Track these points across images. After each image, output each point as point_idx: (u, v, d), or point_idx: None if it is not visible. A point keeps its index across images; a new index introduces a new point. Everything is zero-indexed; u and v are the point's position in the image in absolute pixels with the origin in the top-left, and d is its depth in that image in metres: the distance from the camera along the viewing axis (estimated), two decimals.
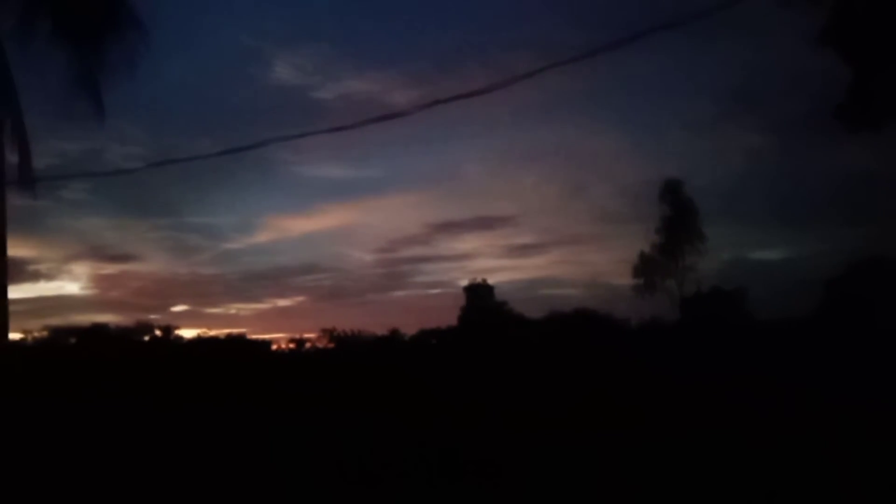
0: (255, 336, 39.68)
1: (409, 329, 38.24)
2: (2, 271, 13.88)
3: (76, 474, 11.93)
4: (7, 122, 13.99)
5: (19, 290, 45.02)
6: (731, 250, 45.42)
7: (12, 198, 14.33)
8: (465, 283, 40.47)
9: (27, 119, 14.13)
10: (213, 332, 39.12)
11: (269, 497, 10.53)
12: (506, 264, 57.27)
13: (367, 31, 54.73)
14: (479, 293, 39.29)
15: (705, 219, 37.02)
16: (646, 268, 37.75)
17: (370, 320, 63.30)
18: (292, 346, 38.58)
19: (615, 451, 12.48)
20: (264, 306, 52.31)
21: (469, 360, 26.36)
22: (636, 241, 37.77)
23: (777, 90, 42.84)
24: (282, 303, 52.90)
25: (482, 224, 55.23)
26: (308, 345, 38.36)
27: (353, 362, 30.77)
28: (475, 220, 54.60)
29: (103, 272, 53.63)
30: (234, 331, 40.47)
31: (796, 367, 19.06)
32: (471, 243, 58.49)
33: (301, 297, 54.30)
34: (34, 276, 47.40)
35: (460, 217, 59.78)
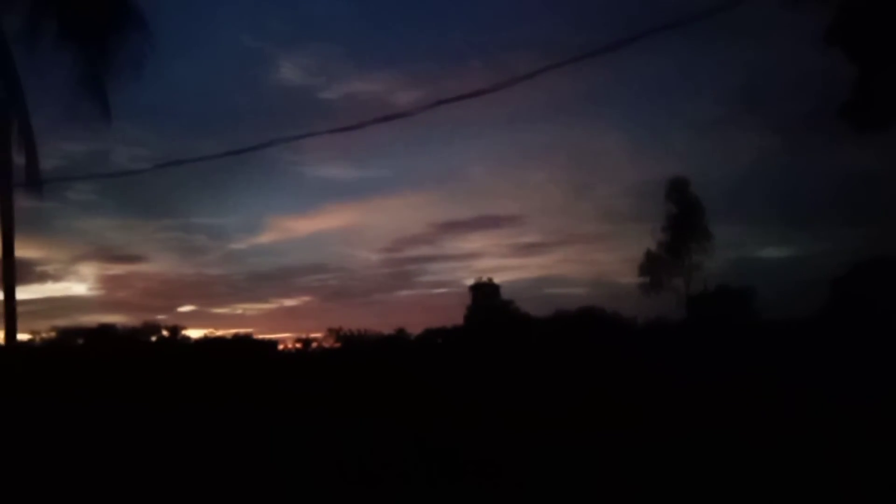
0: (261, 336, 39.85)
1: (415, 328, 38.44)
2: (10, 273, 13.96)
3: (85, 473, 12.01)
4: (14, 123, 14.10)
5: (27, 292, 45.24)
6: (737, 249, 45.31)
7: (20, 199, 14.47)
8: (470, 282, 40.67)
9: (34, 121, 14.28)
10: (219, 333, 39.37)
11: (270, 497, 10.58)
12: (511, 263, 57.44)
13: (371, 32, 55.01)
14: (484, 292, 39.29)
15: (711, 218, 36.94)
16: (652, 266, 37.61)
17: (376, 320, 63.58)
18: (299, 345, 38.78)
19: (617, 452, 12.45)
20: (270, 306, 52.56)
21: (475, 359, 26.36)
22: (642, 240, 37.71)
23: (781, 90, 42.75)
24: (288, 303, 53.18)
25: (488, 223, 55.45)
26: (314, 344, 38.54)
27: (357, 362, 30.81)
28: (480, 219, 54.86)
29: (110, 273, 54.09)
30: (241, 331, 40.55)
31: (801, 367, 19.00)
32: (476, 242, 58.79)
33: (307, 297, 54.58)
34: (42, 278, 47.83)
35: (465, 216, 60.32)
